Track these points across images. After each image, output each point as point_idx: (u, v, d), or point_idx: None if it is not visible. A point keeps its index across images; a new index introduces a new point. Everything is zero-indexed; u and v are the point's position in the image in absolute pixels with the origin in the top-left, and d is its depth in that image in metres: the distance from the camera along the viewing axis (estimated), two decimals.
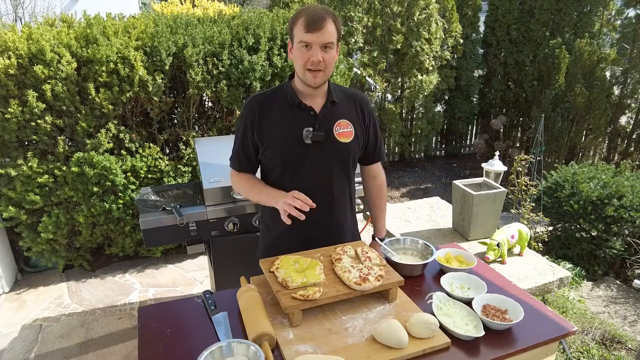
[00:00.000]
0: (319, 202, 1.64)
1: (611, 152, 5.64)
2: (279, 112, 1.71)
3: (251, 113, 1.71)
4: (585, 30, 5.47)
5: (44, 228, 3.18)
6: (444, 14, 5.84)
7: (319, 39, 1.57)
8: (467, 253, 1.89)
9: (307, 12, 1.58)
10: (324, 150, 1.72)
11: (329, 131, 1.71)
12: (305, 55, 1.59)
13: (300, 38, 1.58)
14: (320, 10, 1.59)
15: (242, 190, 1.84)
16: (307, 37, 1.57)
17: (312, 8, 1.59)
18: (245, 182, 1.81)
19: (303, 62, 1.61)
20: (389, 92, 5.90)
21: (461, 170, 6.24)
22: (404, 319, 1.44)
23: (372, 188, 2.00)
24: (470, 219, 3.71)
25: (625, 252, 3.58)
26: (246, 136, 1.74)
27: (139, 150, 3.34)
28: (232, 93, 3.36)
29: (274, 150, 1.72)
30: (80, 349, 2.85)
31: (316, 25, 1.56)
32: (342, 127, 1.74)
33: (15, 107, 2.88)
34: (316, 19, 1.56)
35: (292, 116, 1.70)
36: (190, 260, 3.82)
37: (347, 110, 1.77)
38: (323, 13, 1.58)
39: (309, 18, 1.56)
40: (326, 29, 1.57)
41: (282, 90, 1.74)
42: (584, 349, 2.80)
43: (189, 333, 1.46)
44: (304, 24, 1.56)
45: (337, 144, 1.73)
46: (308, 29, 1.56)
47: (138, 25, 3.22)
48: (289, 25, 1.64)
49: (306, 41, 1.57)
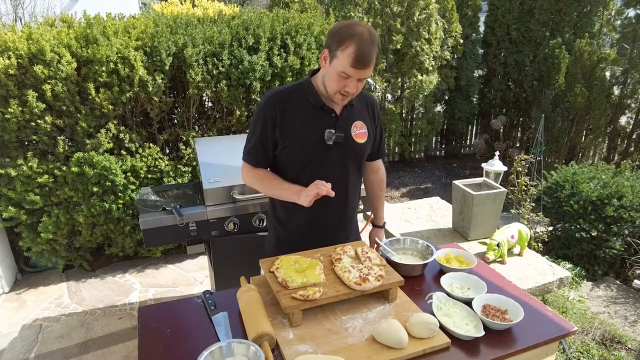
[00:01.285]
0: (336, 200, 1.75)
1: (611, 152, 5.63)
2: (301, 111, 1.72)
3: (272, 109, 1.71)
4: (585, 30, 5.47)
5: (44, 228, 3.18)
6: (444, 14, 5.84)
7: (361, 75, 1.58)
8: (467, 253, 1.89)
9: (359, 45, 1.53)
10: (342, 151, 1.77)
11: (347, 132, 1.76)
12: (342, 82, 1.60)
13: (342, 69, 1.56)
14: (370, 44, 1.55)
15: (257, 185, 1.83)
16: (351, 71, 1.56)
17: (364, 40, 1.54)
18: (261, 177, 1.81)
19: (338, 88, 1.62)
20: (389, 92, 5.90)
21: (461, 170, 6.24)
22: (404, 319, 1.44)
23: (374, 181, 2.10)
24: (470, 219, 3.71)
25: (625, 252, 3.58)
26: (265, 132, 1.73)
27: (139, 150, 3.34)
28: (232, 93, 3.36)
29: (295, 149, 1.73)
30: (80, 349, 2.85)
31: (364, 63, 1.55)
32: (359, 128, 1.80)
33: (15, 107, 2.88)
34: (366, 57, 1.54)
35: (315, 117, 1.72)
36: (190, 260, 3.82)
37: (361, 112, 1.84)
38: (372, 49, 1.56)
39: (359, 53, 1.53)
40: (370, 64, 1.57)
41: (303, 89, 1.74)
42: (584, 349, 2.80)
43: (189, 333, 1.46)
44: (352, 57, 1.53)
45: (354, 144, 1.79)
46: (355, 64, 1.54)
47: (138, 25, 3.22)
48: (334, 40, 1.58)
49: (348, 74, 1.57)
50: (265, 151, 1.77)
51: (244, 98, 3.44)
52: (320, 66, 1.69)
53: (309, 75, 1.78)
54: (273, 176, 1.80)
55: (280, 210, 1.89)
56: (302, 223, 1.84)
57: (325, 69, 1.65)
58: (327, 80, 1.66)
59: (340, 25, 1.61)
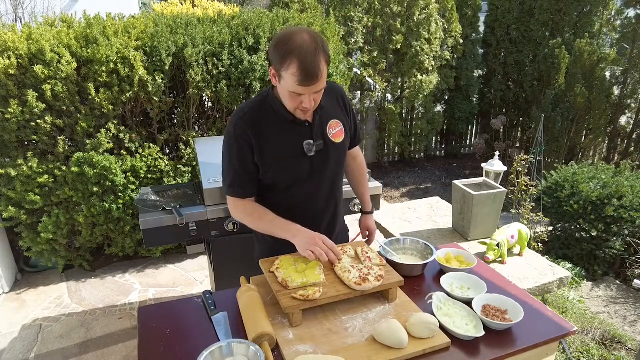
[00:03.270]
0: (325, 206, 1.73)
1: (611, 152, 5.64)
2: (274, 129, 1.61)
3: (244, 135, 1.59)
4: (585, 30, 5.48)
5: (44, 228, 3.18)
6: (444, 14, 5.84)
7: (313, 89, 1.47)
8: (467, 253, 1.89)
9: (300, 59, 1.39)
10: (324, 157, 1.70)
11: (324, 136, 1.69)
12: (296, 100, 1.50)
13: (291, 88, 1.45)
14: (313, 55, 1.40)
15: (247, 219, 1.70)
16: (300, 89, 1.45)
17: (304, 52, 1.39)
18: (251, 211, 1.69)
19: (294, 106, 1.53)
20: (389, 92, 5.90)
21: (461, 170, 6.24)
22: (404, 319, 1.44)
23: (354, 168, 2.04)
24: (470, 219, 3.71)
25: (625, 252, 3.58)
26: (245, 159, 1.62)
27: (139, 150, 3.34)
28: (232, 93, 3.36)
29: (278, 170, 1.65)
30: (80, 349, 2.85)
31: (311, 79, 1.42)
32: (334, 127, 1.72)
33: (15, 107, 2.88)
34: (311, 72, 1.41)
35: (289, 131, 1.63)
36: (190, 261, 3.82)
37: (333, 109, 1.75)
38: (317, 59, 1.41)
39: (303, 70, 1.39)
40: (320, 77, 1.44)
41: (268, 104, 1.62)
42: (584, 349, 2.80)
43: (189, 333, 1.46)
44: (297, 76, 1.41)
45: (334, 146, 1.72)
46: (302, 82, 1.42)
47: (138, 25, 3.22)
48: (275, 58, 1.45)
49: (298, 92, 1.46)
50: (251, 178, 1.67)
51: (244, 98, 3.44)
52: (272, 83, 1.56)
53: (269, 88, 1.65)
54: (263, 209, 1.68)
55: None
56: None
57: (278, 88, 1.54)
58: (282, 99, 1.57)
59: (278, 38, 1.46)
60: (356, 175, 2.05)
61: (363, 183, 2.06)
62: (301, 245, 1.56)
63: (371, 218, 2.09)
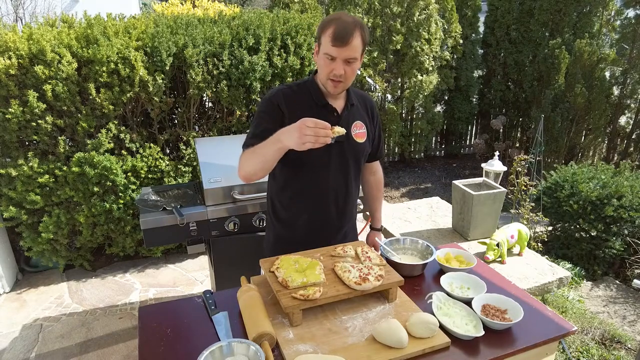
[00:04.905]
0: (337, 198, 1.78)
1: (611, 152, 5.64)
2: (305, 108, 1.69)
3: (278, 104, 1.69)
4: (585, 30, 5.48)
5: (45, 228, 3.19)
6: (444, 14, 5.85)
7: (344, 53, 1.57)
8: (467, 253, 1.89)
9: (337, 24, 1.56)
10: (344, 150, 1.76)
11: (348, 132, 1.74)
12: (329, 66, 1.61)
13: (325, 50, 1.59)
14: (349, 23, 1.57)
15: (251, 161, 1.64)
16: (333, 50, 1.57)
17: (342, 19, 1.57)
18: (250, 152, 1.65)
19: (326, 72, 1.63)
20: (389, 92, 5.91)
21: (461, 170, 6.25)
22: (404, 319, 1.44)
23: (372, 182, 2.12)
24: (470, 219, 3.72)
25: (624, 252, 3.59)
26: (272, 124, 1.65)
27: (140, 150, 3.34)
28: (233, 93, 3.37)
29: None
30: (80, 348, 2.86)
31: (343, 40, 1.55)
32: (358, 128, 1.80)
33: (16, 107, 2.88)
34: (344, 34, 1.54)
35: (318, 114, 1.61)
36: (191, 260, 3.83)
37: (361, 112, 1.85)
38: (352, 27, 1.56)
39: (338, 31, 1.55)
40: (352, 44, 1.56)
41: (307, 87, 1.74)
42: (584, 349, 2.81)
43: (189, 333, 1.47)
44: (332, 36, 1.55)
45: (354, 144, 1.79)
46: (335, 42, 1.55)
47: (138, 25, 3.22)
48: (318, 29, 1.63)
49: (331, 54, 1.58)
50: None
51: (244, 98, 3.45)
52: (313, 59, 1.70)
53: (311, 74, 1.78)
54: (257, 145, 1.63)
55: (280, 208, 1.88)
56: (303, 220, 1.83)
57: (316, 60, 1.68)
58: (318, 70, 1.68)
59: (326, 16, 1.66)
60: (373, 189, 2.13)
61: (378, 198, 2.13)
62: (293, 143, 1.46)
63: (380, 234, 2.13)
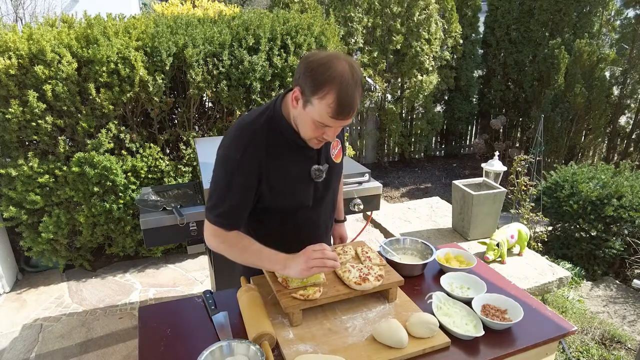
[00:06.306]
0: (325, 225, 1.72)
1: (611, 152, 5.64)
2: (281, 152, 1.47)
3: (255, 159, 1.43)
4: (585, 30, 5.48)
5: (45, 228, 3.19)
6: (444, 14, 5.85)
7: (342, 123, 1.36)
8: (467, 253, 1.89)
9: (340, 92, 1.27)
10: (327, 181, 1.61)
11: (328, 159, 1.60)
12: (319, 130, 1.37)
13: (321, 119, 1.32)
14: (353, 87, 1.30)
15: (228, 252, 1.50)
16: (331, 122, 1.33)
17: (345, 83, 1.28)
18: (234, 242, 1.49)
19: (314, 135, 1.39)
20: (389, 92, 5.91)
21: (461, 170, 6.25)
22: (404, 319, 1.44)
23: None
24: (470, 219, 3.72)
25: (624, 252, 3.59)
26: (249, 186, 1.45)
27: (140, 150, 3.34)
28: (233, 93, 3.37)
29: (284, 197, 1.53)
30: (80, 348, 2.86)
31: (346, 113, 1.31)
32: (334, 147, 1.64)
33: (16, 107, 2.88)
34: (348, 105, 1.30)
35: (297, 155, 1.50)
36: (191, 260, 3.83)
37: None
38: (355, 93, 1.31)
39: (340, 102, 1.28)
40: (354, 112, 1.34)
41: (276, 125, 1.46)
42: (584, 349, 2.81)
43: (189, 333, 1.47)
44: (333, 108, 1.29)
45: (336, 166, 1.65)
46: (337, 115, 1.30)
47: (138, 25, 3.22)
48: (308, 81, 1.30)
49: (328, 125, 1.34)
50: (247, 208, 1.50)
51: (244, 98, 3.45)
52: (291, 105, 1.39)
53: (272, 105, 1.48)
54: (249, 241, 1.49)
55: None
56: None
57: (297, 112, 1.38)
58: (300, 125, 1.41)
59: (315, 62, 1.31)
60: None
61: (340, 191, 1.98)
62: (297, 272, 1.40)
63: (343, 226, 2.01)
